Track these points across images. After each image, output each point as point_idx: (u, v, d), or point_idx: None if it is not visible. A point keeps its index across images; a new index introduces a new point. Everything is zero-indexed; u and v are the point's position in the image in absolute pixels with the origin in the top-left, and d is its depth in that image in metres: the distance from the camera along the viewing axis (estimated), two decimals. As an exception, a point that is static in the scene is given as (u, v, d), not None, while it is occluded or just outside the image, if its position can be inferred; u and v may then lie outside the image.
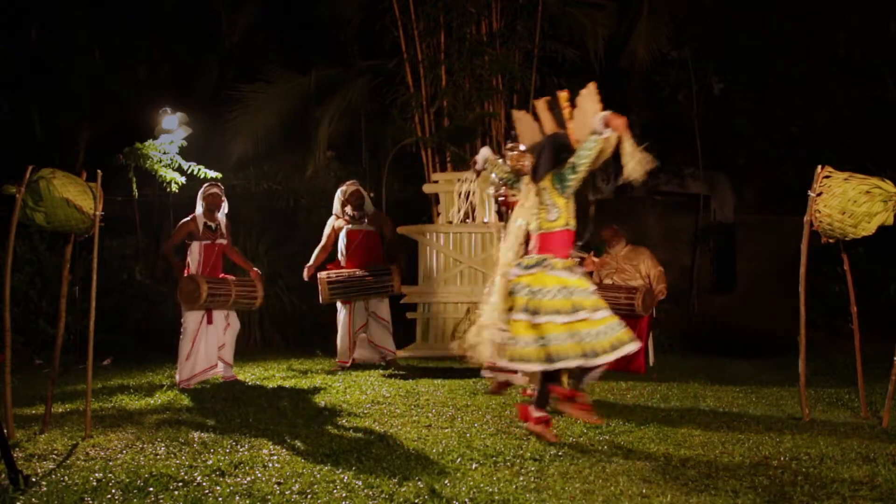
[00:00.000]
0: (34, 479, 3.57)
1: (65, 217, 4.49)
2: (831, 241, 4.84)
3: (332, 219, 7.51)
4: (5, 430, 3.66)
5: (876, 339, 5.89)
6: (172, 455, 4.06)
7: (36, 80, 11.13)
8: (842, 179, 4.69)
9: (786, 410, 5.22)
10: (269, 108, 10.38)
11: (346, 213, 7.40)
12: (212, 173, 8.87)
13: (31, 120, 11.34)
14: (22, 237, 7.90)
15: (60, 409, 5.36)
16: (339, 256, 7.43)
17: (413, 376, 6.82)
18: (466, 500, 3.25)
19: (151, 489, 3.42)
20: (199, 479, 3.59)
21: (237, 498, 3.32)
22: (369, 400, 5.62)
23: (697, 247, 11.48)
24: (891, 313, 8.39)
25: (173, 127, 9.21)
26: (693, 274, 11.31)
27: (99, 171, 4.69)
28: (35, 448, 4.24)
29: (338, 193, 7.48)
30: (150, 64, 11.95)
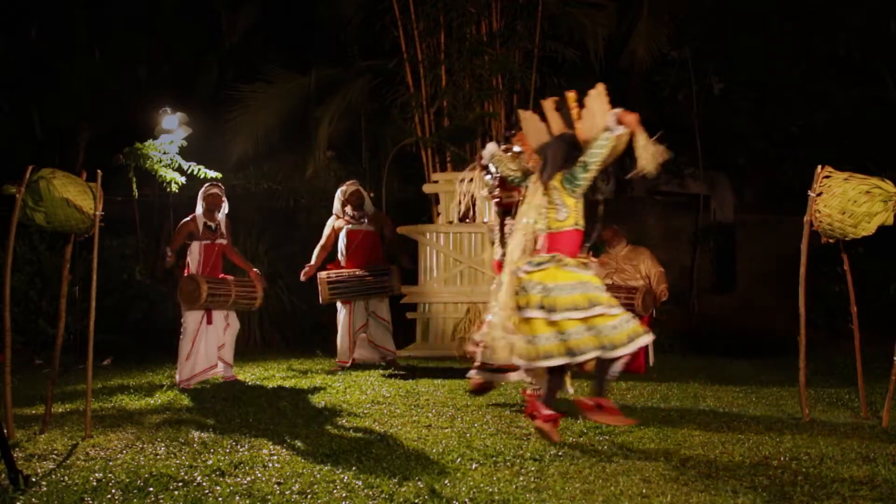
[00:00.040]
0: (34, 479, 3.57)
1: (65, 217, 4.49)
2: (831, 241, 4.84)
3: (332, 219, 7.51)
4: (5, 430, 3.65)
5: (876, 339, 5.89)
6: (172, 455, 4.05)
7: (36, 80, 11.13)
8: (842, 179, 4.69)
9: (786, 410, 5.22)
10: (269, 108, 10.39)
11: (346, 213, 7.40)
12: (212, 173, 8.88)
13: (31, 120, 11.34)
14: (22, 237, 7.90)
15: (60, 409, 5.36)
16: (339, 256, 7.43)
17: (413, 376, 6.82)
18: (466, 500, 3.25)
19: (151, 489, 3.42)
20: (199, 479, 3.59)
21: (237, 498, 3.32)
22: (369, 400, 5.62)
23: (697, 247, 11.48)
24: (891, 313, 8.38)
25: (173, 127, 9.21)
26: (693, 274, 11.31)
27: (99, 171, 4.69)
28: (35, 448, 4.23)
29: (338, 193, 7.48)
30: (150, 64, 11.96)
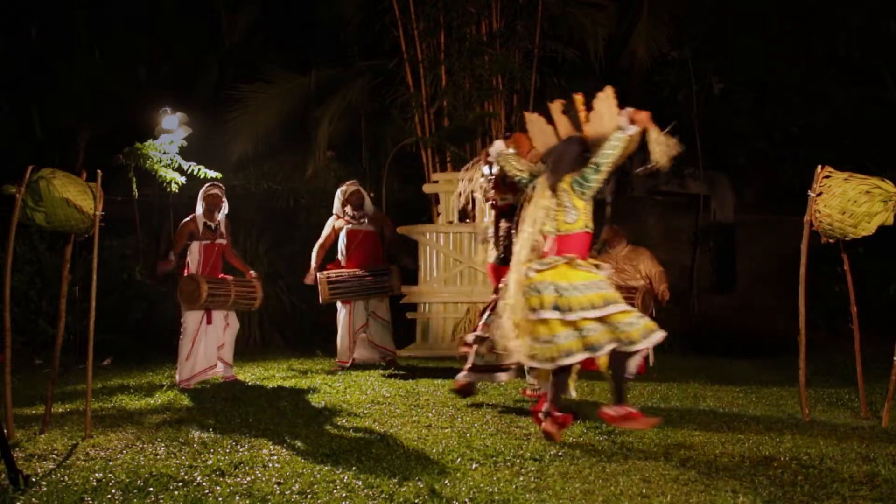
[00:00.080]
0: (34, 479, 3.57)
1: (65, 217, 4.49)
2: (831, 241, 4.84)
3: (332, 218, 7.50)
4: (5, 430, 3.65)
5: (876, 339, 5.89)
6: (172, 455, 4.05)
7: (36, 80, 11.14)
8: (842, 179, 4.70)
9: (786, 410, 5.23)
10: (269, 108, 10.39)
11: (346, 213, 7.40)
12: (212, 173, 8.87)
13: (31, 120, 11.35)
14: (22, 237, 7.90)
15: (60, 409, 5.36)
16: (339, 256, 7.43)
17: (413, 376, 6.82)
18: (466, 500, 3.25)
19: (151, 489, 3.43)
20: (199, 479, 3.59)
21: (237, 498, 3.32)
22: (369, 400, 5.62)
23: (697, 247, 11.47)
24: (891, 313, 8.38)
25: (173, 127, 9.21)
26: (693, 274, 11.31)
27: (99, 171, 4.70)
28: (35, 448, 4.23)
29: (338, 193, 7.47)
30: (150, 64, 11.96)
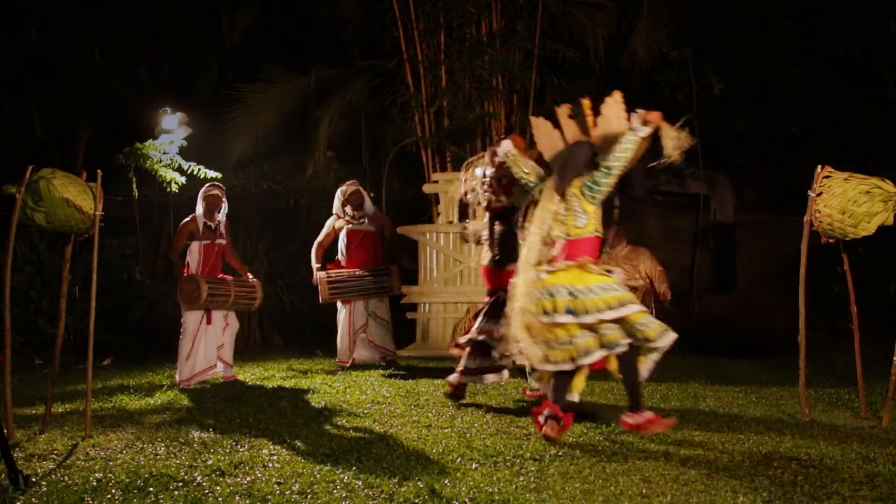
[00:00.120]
0: (34, 479, 3.57)
1: (65, 217, 4.49)
2: (831, 241, 4.84)
3: (332, 218, 7.50)
4: (5, 430, 3.65)
5: (876, 339, 5.88)
6: (172, 455, 4.06)
7: (36, 80, 11.14)
8: (842, 179, 4.70)
9: (786, 410, 5.22)
10: (269, 108, 10.39)
11: (346, 212, 7.40)
12: (212, 173, 8.87)
13: (31, 120, 11.35)
14: (22, 237, 7.90)
15: (60, 409, 5.36)
16: (339, 256, 7.43)
17: (413, 376, 6.82)
18: (466, 500, 3.25)
19: (151, 489, 3.43)
20: (199, 479, 3.59)
21: (237, 498, 3.32)
22: (369, 400, 5.62)
23: (697, 247, 11.48)
24: (891, 313, 8.38)
25: (173, 127, 9.21)
26: (693, 274, 11.31)
27: (99, 171, 4.70)
28: (35, 448, 4.24)
29: (338, 193, 7.47)
30: (150, 64, 11.97)
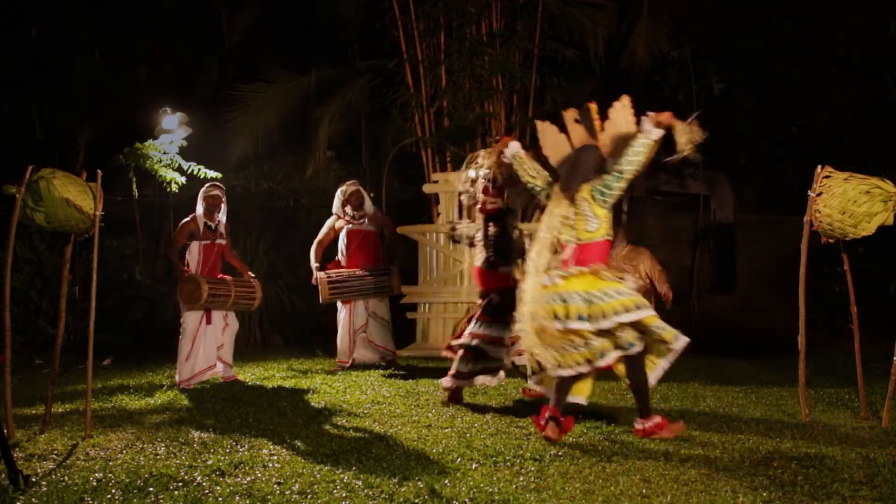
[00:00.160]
0: (34, 479, 3.57)
1: (65, 217, 4.49)
2: (831, 241, 4.84)
3: (332, 218, 7.50)
4: (5, 430, 3.66)
5: (876, 339, 5.88)
6: (172, 455, 4.06)
7: (36, 80, 11.13)
8: (842, 179, 4.69)
9: (786, 410, 5.22)
10: (269, 108, 10.39)
11: (346, 212, 7.40)
12: (212, 173, 8.87)
13: (31, 120, 11.34)
14: (22, 237, 7.90)
15: (60, 409, 5.36)
16: (339, 256, 7.43)
17: (413, 376, 6.82)
18: (466, 500, 3.25)
19: (151, 489, 3.43)
20: (199, 479, 3.59)
21: (237, 498, 3.32)
22: (369, 400, 5.62)
23: (697, 247, 11.48)
24: (891, 313, 8.38)
25: (173, 127, 9.21)
26: (693, 274, 11.31)
27: (99, 171, 4.70)
28: (35, 448, 4.24)
29: (338, 193, 7.47)
30: (150, 64, 11.96)
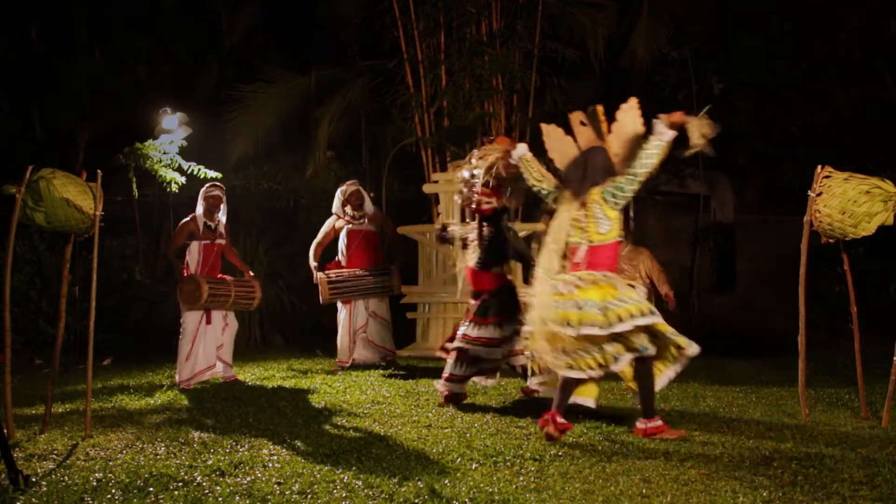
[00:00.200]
0: (34, 479, 3.57)
1: (65, 217, 4.49)
2: (831, 241, 4.84)
3: (332, 218, 7.50)
4: (5, 430, 3.66)
5: (876, 339, 5.88)
6: (172, 455, 4.06)
7: (36, 80, 11.13)
8: (842, 179, 4.70)
9: (786, 410, 5.22)
10: (269, 108, 10.39)
11: (346, 212, 7.40)
12: (212, 173, 8.87)
13: (31, 120, 11.34)
14: (22, 237, 7.90)
15: (60, 409, 5.36)
16: (339, 256, 7.43)
17: (413, 376, 6.82)
18: (466, 500, 3.25)
19: (151, 489, 3.43)
20: (199, 479, 3.59)
21: (237, 498, 3.32)
22: (369, 400, 5.62)
23: (697, 247, 11.48)
24: (891, 313, 8.38)
25: (173, 127, 9.21)
26: (693, 274, 11.31)
27: (99, 171, 4.70)
28: (35, 448, 4.24)
29: (338, 193, 7.47)
30: (150, 64, 11.96)
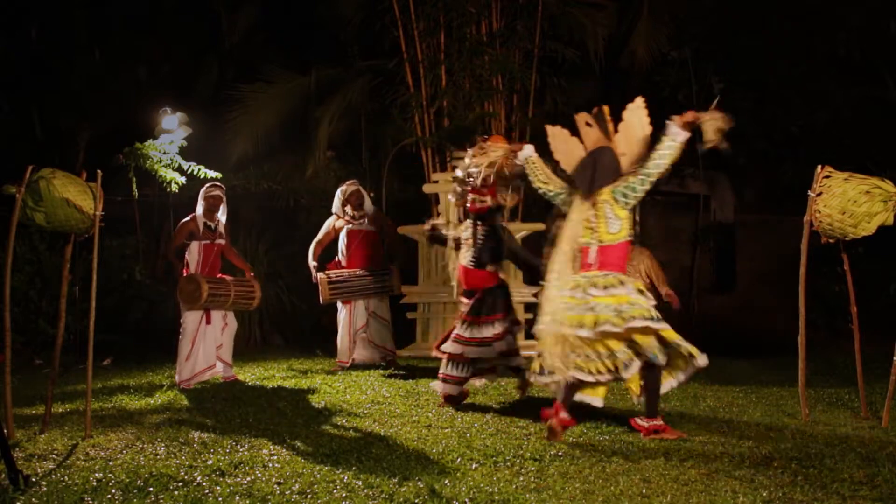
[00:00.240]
0: (34, 479, 3.57)
1: (65, 217, 4.49)
2: (831, 241, 4.84)
3: (332, 218, 7.50)
4: (5, 430, 3.66)
5: (876, 339, 5.89)
6: (172, 455, 4.06)
7: (36, 80, 11.12)
8: (842, 179, 4.70)
9: (786, 410, 5.23)
10: (269, 108, 10.39)
11: (346, 212, 7.40)
12: (212, 173, 8.87)
13: (31, 120, 11.33)
14: (22, 237, 7.90)
15: (60, 409, 5.36)
16: (339, 256, 7.43)
17: (413, 376, 6.82)
18: (466, 500, 3.25)
19: (151, 489, 3.43)
20: (199, 479, 3.59)
21: (237, 498, 3.32)
22: (369, 400, 5.62)
23: (697, 247, 11.47)
24: (891, 313, 8.38)
25: (173, 127, 9.21)
26: (693, 274, 11.31)
27: (99, 171, 4.71)
28: (35, 448, 4.24)
29: (338, 193, 7.47)
30: (150, 64, 11.95)
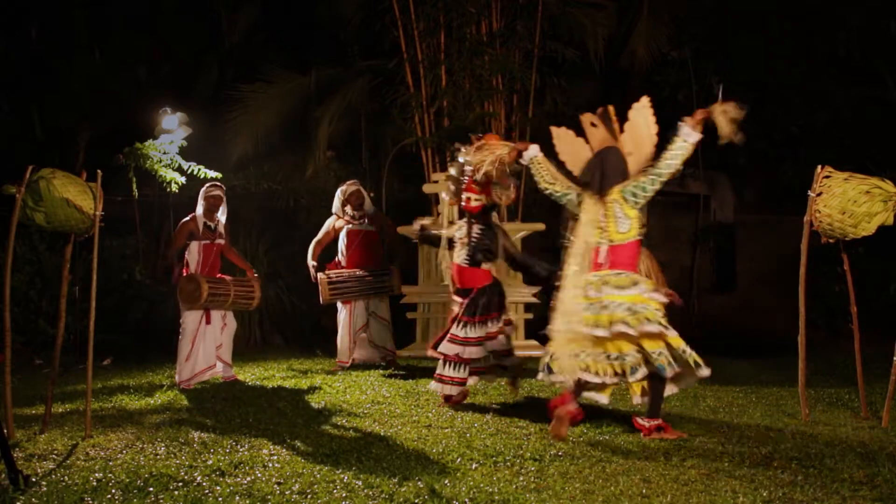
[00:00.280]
0: (34, 479, 3.57)
1: (65, 217, 4.49)
2: (831, 241, 4.85)
3: (332, 218, 7.51)
4: (5, 430, 3.66)
5: (876, 339, 5.89)
6: (172, 455, 4.06)
7: (36, 80, 11.12)
8: (842, 179, 4.70)
9: (786, 410, 5.23)
10: (269, 108, 10.39)
11: (346, 212, 7.40)
12: (212, 173, 8.86)
13: (31, 120, 11.33)
14: (22, 237, 7.90)
15: (60, 409, 5.36)
16: (339, 256, 7.43)
17: (413, 376, 6.82)
18: (466, 500, 3.25)
19: (151, 489, 3.43)
20: (199, 479, 3.59)
21: (237, 498, 3.32)
22: (369, 400, 5.63)
23: (697, 247, 11.46)
24: (891, 313, 8.38)
25: (173, 127, 9.20)
26: (693, 274, 11.30)
27: (99, 171, 4.71)
28: (35, 448, 4.24)
29: (338, 193, 7.47)
30: (150, 64, 11.94)
